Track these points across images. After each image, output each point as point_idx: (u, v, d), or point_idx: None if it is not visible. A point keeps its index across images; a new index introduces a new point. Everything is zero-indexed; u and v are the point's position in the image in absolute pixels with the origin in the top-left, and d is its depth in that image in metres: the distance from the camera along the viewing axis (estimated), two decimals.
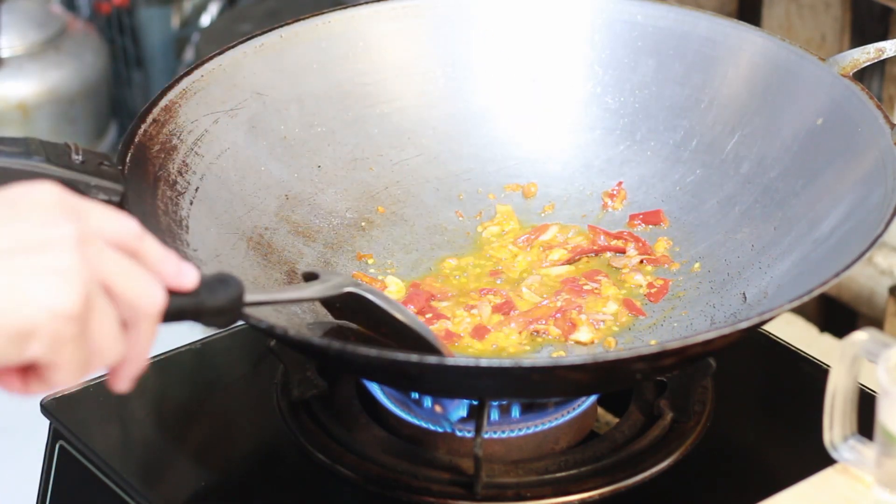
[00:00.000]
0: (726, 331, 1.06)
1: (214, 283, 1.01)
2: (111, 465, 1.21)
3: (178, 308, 0.99)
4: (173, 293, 0.98)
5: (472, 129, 1.41)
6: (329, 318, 1.21)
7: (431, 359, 1.04)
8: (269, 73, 1.35)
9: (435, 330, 1.23)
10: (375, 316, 1.16)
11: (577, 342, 1.23)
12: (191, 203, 1.23)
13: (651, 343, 1.22)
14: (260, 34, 1.35)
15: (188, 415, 1.30)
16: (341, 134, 1.37)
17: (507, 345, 1.23)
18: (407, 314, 1.16)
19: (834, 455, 1.08)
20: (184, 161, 1.25)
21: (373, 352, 1.05)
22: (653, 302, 1.27)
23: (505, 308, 1.26)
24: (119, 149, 1.21)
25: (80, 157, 1.15)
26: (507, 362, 1.06)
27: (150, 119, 1.25)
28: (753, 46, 1.33)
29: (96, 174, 1.15)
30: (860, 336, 1.04)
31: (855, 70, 1.27)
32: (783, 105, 1.30)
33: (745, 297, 1.23)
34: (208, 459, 1.24)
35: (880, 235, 1.10)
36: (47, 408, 1.28)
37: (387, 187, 1.37)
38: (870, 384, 1.15)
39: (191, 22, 2.75)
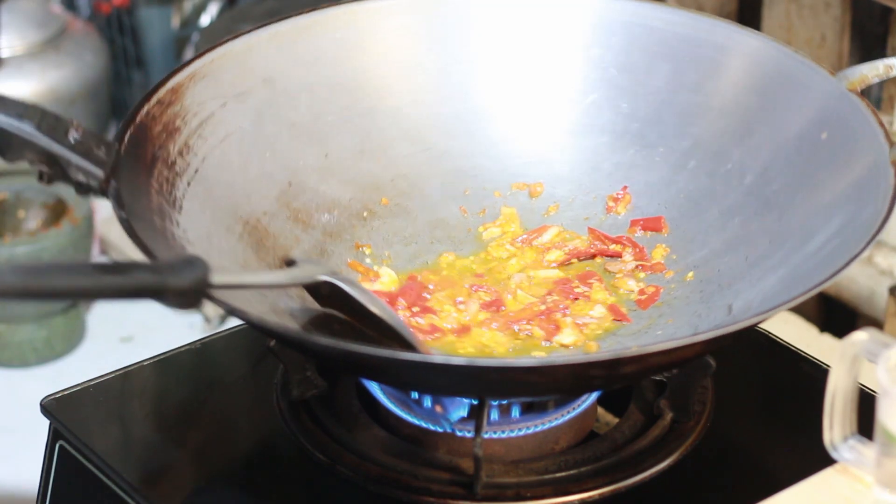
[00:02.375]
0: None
1: (179, 264, 1.01)
2: (111, 465, 1.21)
3: (139, 286, 0.99)
4: (137, 270, 0.98)
5: (483, 126, 1.40)
6: (315, 306, 1.21)
7: (405, 355, 1.05)
8: (283, 60, 1.34)
9: (420, 324, 1.24)
10: (353, 306, 1.16)
11: (561, 344, 1.23)
12: (188, 184, 1.23)
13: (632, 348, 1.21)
14: (276, 21, 1.35)
15: (188, 415, 1.30)
16: (352, 124, 1.37)
17: (491, 343, 1.23)
18: (381, 307, 1.16)
19: (834, 455, 1.08)
20: (186, 143, 1.25)
21: (371, 350, 1.04)
22: (642, 308, 1.27)
23: (493, 306, 1.26)
24: (119, 127, 1.21)
25: (77, 136, 1.16)
26: (492, 362, 1.06)
27: (154, 100, 1.24)
28: (767, 56, 1.32)
29: (82, 155, 1.16)
30: (860, 336, 1.04)
31: (863, 87, 1.26)
32: (791, 117, 1.29)
33: (731, 309, 1.22)
34: (208, 459, 1.24)
35: (858, 255, 1.09)
36: (47, 408, 1.28)
37: (393, 179, 1.37)
38: (870, 384, 1.15)
39: (191, 22, 2.74)
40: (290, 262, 1.16)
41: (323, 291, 1.17)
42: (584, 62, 1.39)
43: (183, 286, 1.01)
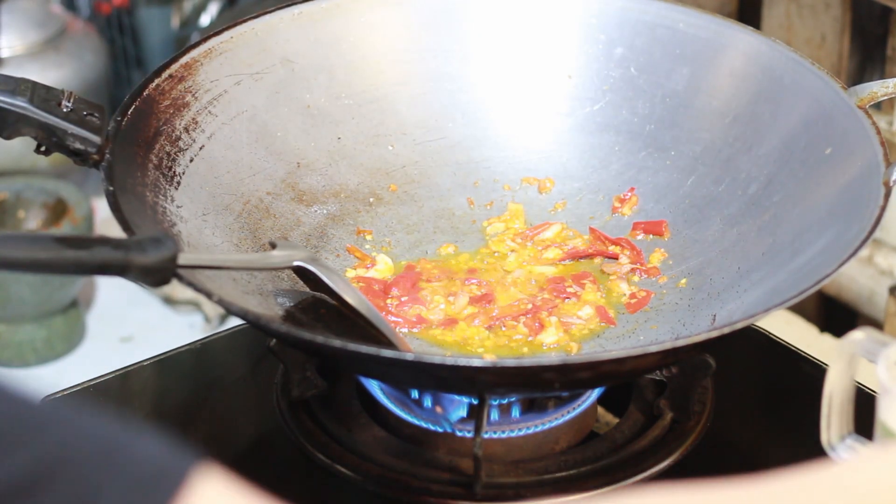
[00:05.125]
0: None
1: (147, 242, 1.01)
2: None
3: (104, 262, 0.98)
4: (101, 245, 0.98)
5: (500, 119, 1.40)
6: (305, 289, 1.21)
7: (386, 352, 1.05)
8: (303, 41, 1.34)
9: (406, 313, 1.24)
10: (333, 294, 1.16)
11: (543, 344, 1.23)
12: (191, 160, 1.23)
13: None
14: (300, 2, 1.35)
15: (188, 415, 1.30)
16: (368, 108, 1.37)
17: (475, 338, 1.23)
18: (357, 297, 1.16)
19: (831, 455, 1.08)
20: (194, 119, 1.25)
21: (362, 348, 1.04)
22: (630, 312, 1.26)
23: (483, 300, 1.26)
24: (125, 99, 1.22)
25: (70, 105, 1.16)
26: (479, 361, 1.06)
27: (165, 74, 1.25)
28: (786, 68, 1.31)
29: (77, 123, 1.16)
30: (857, 335, 1.04)
31: (872, 103, 1.25)
32: (800, 130, 1.28)
33: (715, 319, 1.22)
34: (208, 459, 1.24)
35: (828, 276, 1.09)
36: None
37: (404, 166, 1.37)
38: (867, 383, 1.15)
39: (191, 22, 2.74)
40: (273, 245, 1.16)
41: (309, 276, 1.17)
42: (607, 60, 1.39)
43: (148, 264, 1.00)
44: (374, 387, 1.23)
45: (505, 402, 1.20)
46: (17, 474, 0.59)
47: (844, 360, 1.05)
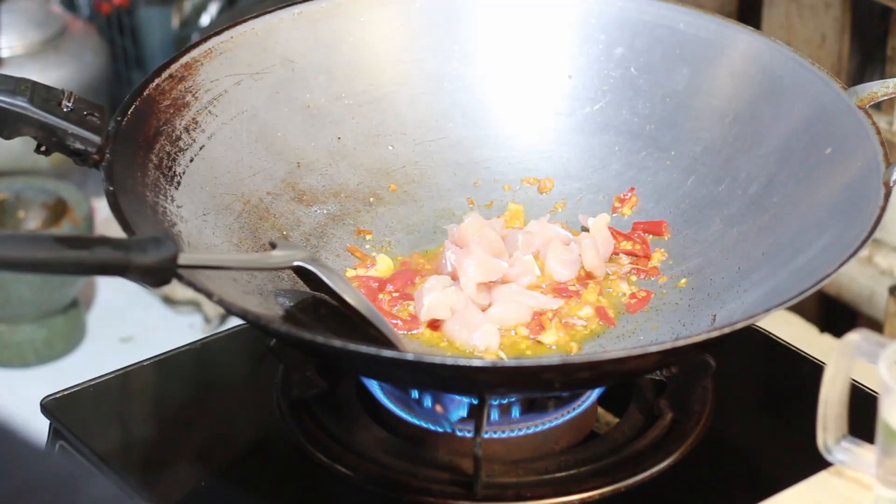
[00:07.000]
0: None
1: (147, 242, 1.01)
2: (111, 466, 1.22)
3: (104, 262, 0.98)
4: (102, 245, 0.98)
5: (500, 118, 1.40)
6: (305, 289, 1.21)
7: (387, 352, 1.05)
8: (303, 41, 1.34)
9: (401, 311, 1.24)
10: (333, 294, 1.16)
11: (542, 344, 1.22)
12: (191, 160, 1.23)
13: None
14: (300, 2, 1.35)
15: (188, 415, 1.30)
16: (368, 108, 1.36)
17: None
18: (357, 297, 1.16)
19: (827, 457, 1.08)
20: (194, 118, 1.25)
21: (362, 348, 1.04)
22: (630, 312, 1.26)
23: None
24: (125, 99, 1.22)
25: (70, 105, 1.17)
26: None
27: (165, 74, 1.25)
28: (786, 68, 1.30)
29: (78, 123, 1.17)
30: (853, 337, 1.04)
31: (872, 103, 1.25)
32: (800, 130, 1.28)
33: (715, 319, 1.22)
34: (208, 459, 1.24)
35: (829, 276, 1.09)
36: (47, 408, 1.28)
37: (404, 166, 1.37)
38: (868, 383, 1.15)
39: (191, 22, 2.74)
40: (273, 245, 1.17)
41: (309, 276, 1.17)
42: (607, 61, 1.39)
43: (148, 264, 1.00)
44: (375, 387, 1.23)
45: (505, 402, 1.20)
46: None
47: (840, 363, 1.05)
